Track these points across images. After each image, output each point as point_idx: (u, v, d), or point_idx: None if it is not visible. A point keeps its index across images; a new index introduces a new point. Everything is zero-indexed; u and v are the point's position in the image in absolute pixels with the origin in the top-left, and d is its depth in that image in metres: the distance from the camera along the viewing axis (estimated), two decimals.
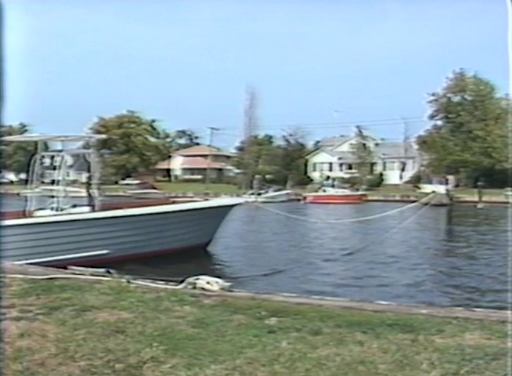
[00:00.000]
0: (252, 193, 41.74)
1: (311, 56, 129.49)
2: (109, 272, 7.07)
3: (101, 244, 12.96)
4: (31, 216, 13.14)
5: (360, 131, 71.78)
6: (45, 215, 13.29)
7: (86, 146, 15.49)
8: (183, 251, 14.10)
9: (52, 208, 13.53)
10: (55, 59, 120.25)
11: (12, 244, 9.44)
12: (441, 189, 44.77)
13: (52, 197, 13.76)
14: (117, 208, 14.22)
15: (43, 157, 14.43)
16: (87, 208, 13.57)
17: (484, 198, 46.79)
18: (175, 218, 14.38)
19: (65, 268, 7.68)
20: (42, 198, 13.98)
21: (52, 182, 13.95)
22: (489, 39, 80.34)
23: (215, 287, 6.19)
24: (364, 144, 70.68)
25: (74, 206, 13.69)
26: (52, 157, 14.07)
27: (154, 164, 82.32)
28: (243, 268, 14.14)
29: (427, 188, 45.69)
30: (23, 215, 12.96)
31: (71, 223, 12.93)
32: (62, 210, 13.36)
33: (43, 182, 14.08)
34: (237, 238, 20.66)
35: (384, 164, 71.32)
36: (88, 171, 13.97)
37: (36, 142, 14.76)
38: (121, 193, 48.26)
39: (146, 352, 3.93)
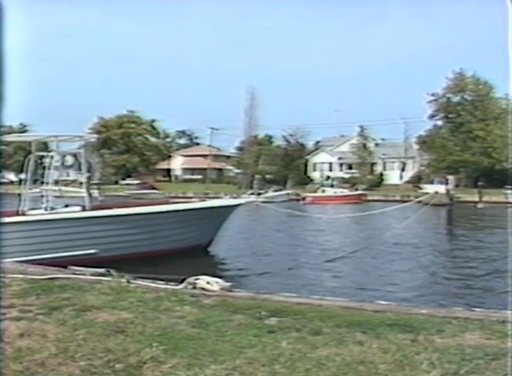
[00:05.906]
0: (252, 193, 41.71)
1: (311, 55, 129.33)
2: (109, 272, 7.07)
3: (88, 244, 12.79)
4: (24, 215, 12.99)
5: (362, 131, 71.74)
6: (34, 214, 13.15)
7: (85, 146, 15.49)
8: (180, 252, 13.86)
9: (44, 208, 13.45)
10: (56, 59, 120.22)
11: None
12: (441, 189, 44.80)
13: (42, 196, 13.70)
14: (108, 208, 14.05)
15: (42, 156, 14.41)
16: (77, 208, 13.42)
17: (485, 198, 46.82)
18: (169, 218, 14.16)
19: (56, 266, 7.68)
20: (39, 198, 13.92)
21: (47, 182, 13.89)
22: (489, 39, 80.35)
23: (215, 287, 6.19)
24: (364, 144, 70.67)
25: (67, 206, 13.59)
26: (51, 158, 14.05)
27: (154, 164, 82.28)
28: (243, 268, 14.12)
29: (428, 188, 45.70)
30: (16, 214, 12.81)
31: (56, 222, 12.78)
32: (52, 209, 13.25)
33: (42, 183, 14.03)
34: (237, 237, 20.62)
35: (384, 164, 71.30)
36: (80, 170, 13.89)
37: (30, 143, 14.71)
38: (121, 193, 48.23)
39: (146, 352, 3.93)
